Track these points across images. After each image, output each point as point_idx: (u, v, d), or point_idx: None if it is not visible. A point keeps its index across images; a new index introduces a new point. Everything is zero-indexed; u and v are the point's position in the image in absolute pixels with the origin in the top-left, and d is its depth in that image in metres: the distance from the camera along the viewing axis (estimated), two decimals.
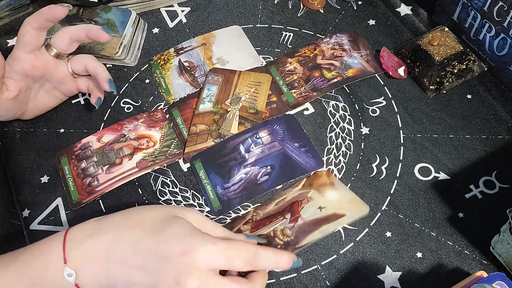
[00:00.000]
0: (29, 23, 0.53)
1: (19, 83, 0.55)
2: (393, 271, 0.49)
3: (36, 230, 0.54)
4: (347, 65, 0.64)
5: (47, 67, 0.56)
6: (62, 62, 0.58)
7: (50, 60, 0.56)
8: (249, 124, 0.60)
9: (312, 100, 0.62)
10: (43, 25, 0.53)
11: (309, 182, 0.55)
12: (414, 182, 0.55)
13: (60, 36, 0.56)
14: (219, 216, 0.54)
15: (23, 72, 0.54)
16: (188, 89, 0.65)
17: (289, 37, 0.69)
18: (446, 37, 0.61)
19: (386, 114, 0.60)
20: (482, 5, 0.58)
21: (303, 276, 0.49)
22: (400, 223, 0.52)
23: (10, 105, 0.55)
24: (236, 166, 0.57)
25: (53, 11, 0.52)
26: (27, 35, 0.53)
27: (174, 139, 0.60)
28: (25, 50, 0.54)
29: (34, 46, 0.54)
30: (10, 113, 0.57)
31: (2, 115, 0.57)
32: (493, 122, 0.59)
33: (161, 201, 0.55)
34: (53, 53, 0.56)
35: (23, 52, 0.54)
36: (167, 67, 0.67)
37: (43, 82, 0.58)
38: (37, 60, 0.55)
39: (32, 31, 0.53)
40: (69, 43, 0.56)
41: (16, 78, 0.54)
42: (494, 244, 0.48)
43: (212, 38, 0.70)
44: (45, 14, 0.52)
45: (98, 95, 0.59)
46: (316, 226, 0.51)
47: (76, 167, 0.58)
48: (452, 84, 0.62)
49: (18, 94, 0.55)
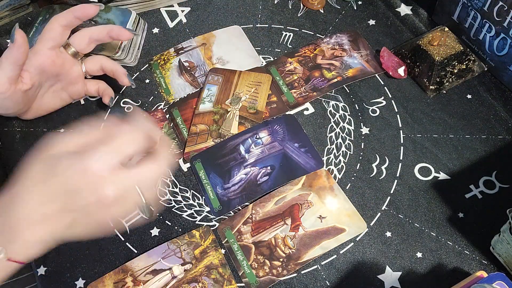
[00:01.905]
0: (57, 20, 0.54)
1: (34, 77, 0.55)
2: (393, 271, 0.49)
3: None
4: (347, 65, 0.64)
5: (64, 65, 0.57)
6: (77, 62, 0.59)
7: (68, 58, 0.57)
8: (249, 124, 0.60)
9: (312, 100, 0.62)
10: (71, 23, 0.55)
11: (309, 182, 0.55)
12: (414, 182, 0.55)
13: (80, 35, 0.57)
14: (219, 216, 0.54)
15: (42, 67, 0.55)
16: (188, 89, 0.65)
17: (289, 37, 0.69)
18: (446, 37, 0.61)
19: (386, 114, 0.60)
20: (482, 5, 0.58)
21: (303, 276, 0.49)
22: (400, 223, 0.52)
23: (19, 98, 0.55)
24: (236, 166, 0.57)
25: (85, 9, 0.54)
26: (53, 31, 0.54)
27: (174, 139, 0.60)
28: (48, 45, 0.55)
29: (57, 43, 0.55)
30: (16, 107, 0.56)
31: (8, 107, 0.56)
32: (493, 122, 0.59)
33: (161, 201, 0.55)
34: (70, 52, 0.57)
35: (45, 47, 0.55)
36: (167, 67, 0.67)
37: (54, 81, 0.59)
38: (57, 57, 0.56)
39: (59, 27, 0.54)
40: (88, 43, 0.57)
41: (32, 71, 0.54)
42: (494, 244, 0.48)
43: (212, 38, 0.70)
44: (77, 11, 0.54)
45: (110, 95, 0.62)
46: (316, 240, 0.51)
47: None
48: (452, 84, 0.62)
49: (30, 88, 0.55)
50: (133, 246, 0.53)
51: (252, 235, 0.52)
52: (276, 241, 0.51)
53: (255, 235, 0.52)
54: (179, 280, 0.49)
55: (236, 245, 0.51)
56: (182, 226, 0.54)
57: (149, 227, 0.54)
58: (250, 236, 0.52)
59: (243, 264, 0.50)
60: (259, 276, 0.49)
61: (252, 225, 0.52)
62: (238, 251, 0.51)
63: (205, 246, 0.51)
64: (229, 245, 0.51)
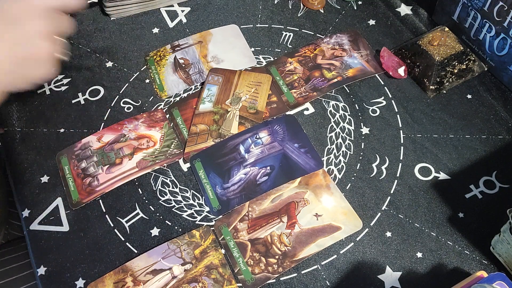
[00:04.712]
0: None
1: None
2: (393, 271, 0.49)
3: (36, 230, 0.54)
4: (347, 65, 0.64)
5: None
6: None
7: None
8: (249, 124, 0.60)
9: (312, 100, 0.62)
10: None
11: (305, 180, 0.55)
12: (414, 182, 0.55)
13: None
14: (218, 216, 0.54)
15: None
16: (181, 86, 0.65)
17: (289, 37, 0.69)
18: (446, 37, 0.61)
19: (386, 114, 0.60)
20: (482, 5, 0.58)
21: (303, 276, 0.49)
22: (400, 223, 0.52)
23: None
24: (235, 166, 0.57)
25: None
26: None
27: (174, 139, 0.60)
28: None
29: None
30: None
31: None
32: (493, 122, 0.59)
33: (161, 201, 0.55)
34: None
35: None
36: (162, 63, 0.67)
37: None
38: None
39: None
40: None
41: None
42: (494, 244, 0.48)
43: (209, 36, 0.70)
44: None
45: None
46: (312, 238, 0.51)
47: (76, 167, 0.58)
48: (452, 84, 0.62)
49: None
50: (133, 246, 0.53)
51: (248, 233, 0.52)
52: (272, 238, 0.51)
53: (251, 232, 0.52)
54: (179, 280, 0.49)
55: (232, 242, 0.51)
56: (182, 226, 0.54)
57: (149, 227, 0.54)
58: (246, 234, 0.52)
59: (239, 261, 0.50)
60: (255, 273, 0.49)
61: (248, 222, 0.52)
62: (234, 248, 0.51)
63: (205, 246, 0.51)
64: (225, 242, 0.51)
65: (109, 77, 0.67)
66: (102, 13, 0.74)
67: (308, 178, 0.55)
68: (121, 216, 0.55)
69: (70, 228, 0.54)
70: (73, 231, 0.54)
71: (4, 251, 0.65)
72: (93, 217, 0.55)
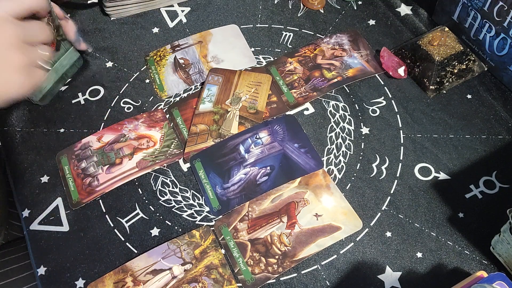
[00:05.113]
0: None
1: None
2: (393, 271, 0.49)
3: (36, 230, 0.54)
4: (347, 65, 0.64)
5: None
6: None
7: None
8: (249, 124, 0.60)
9: (312, 100, 0.62)
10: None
11: (305, 180, 0.55)
12: (414, 182, 0.55)
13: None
14: (218, 216, 0.54)
15: None
16: (181, 86, 0.65)
17: (289, 37, 0.69)
18: (446, 37, 0.61)
19: (386, 114, 0.60)
20: (482, 5, 0.58)
21: (303, 276, 0.49)
22: (400, 223, 0.52)
23: None
24: (235, 166, 0.57)
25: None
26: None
27: (174, 139, 0.60)
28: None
29: None
30: None
31: None
32: (493, 122, 0.59)
33: (161, 201, 0.55)
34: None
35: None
36: (162, 63, 0.67)
37: None
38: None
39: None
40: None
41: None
42: (494, 244, 0.48)
43: (209, 36, 0.70)
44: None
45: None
46: (312, 238, 0.51)
47: (76, 167, 0.58)
48: (452, 84, 0.62)
49: None
50: (133, 246, 0.53)
51: (248, 233, 0.52)
52: (272, 238, 0.51)
53: (251, 232, 0.52)
54: (179, 280, 0.49)
55: (232, 242, 0.51)
56: (182, 226, 0.54)
57: (149, 227, 0.54)
58: (246, 234, 0.52)
59: (239, 261, 0.50)
60: (255, 273, 0.49)
61: (248, 222, 0.52)
62: (234, 248, 0.51)
63: (205, 246, 0.51)
64: (225, 242, 0.51)
65: (109, 77, 0.67)
66: (102, 13, 0.74)
67: (308, 178, 0.55)
68: (121, 216, 0.55)
69: (70, 228, 0.54)
70: (73, 231, 0.54)
71: (4, 252, 0.65)
72: (93, 217, 0.55)
